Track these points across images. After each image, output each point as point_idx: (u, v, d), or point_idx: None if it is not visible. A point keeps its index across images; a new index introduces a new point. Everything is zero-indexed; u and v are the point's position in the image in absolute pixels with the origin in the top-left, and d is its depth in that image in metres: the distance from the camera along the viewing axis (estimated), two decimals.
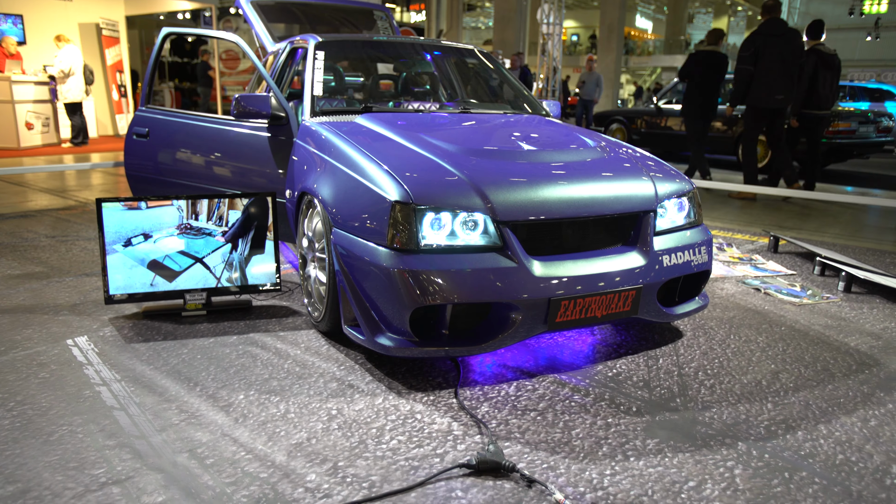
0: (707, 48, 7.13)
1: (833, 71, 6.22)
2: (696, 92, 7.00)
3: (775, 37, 5.99)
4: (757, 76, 6.08)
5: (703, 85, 6.94)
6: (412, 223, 2.12)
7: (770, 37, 6.01)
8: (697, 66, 6.99)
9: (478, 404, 2.09)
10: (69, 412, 1.98)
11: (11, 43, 9.21)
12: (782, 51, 5.96)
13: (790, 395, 2.19)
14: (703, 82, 6.92)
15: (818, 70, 6.12)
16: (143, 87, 3.75)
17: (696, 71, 6.98)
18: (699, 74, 6.95)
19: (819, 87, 6.18)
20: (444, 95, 3.99)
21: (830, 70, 6.16)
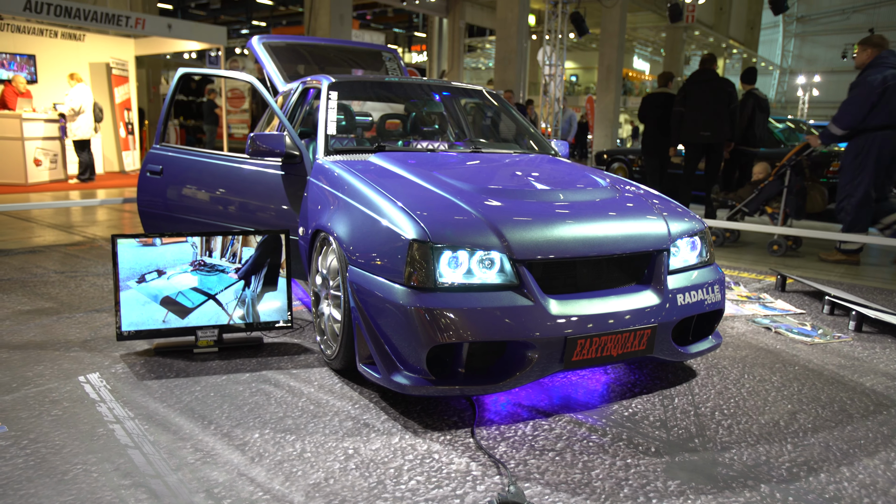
0: (659, 90, 7.80)
1: (766, 113, 6.84)
2: (652, 131, 7.62)
3: (704, 82, 6.63)
4: (686, 116, 6.69)
5: (657, 124, 7.53)
6: (429, 261, 2.13)
7: (700, 83, 6.66)
8: (651, 108, 7.61)
9: (495, 444, 2.07)
10: (83, 450, 1.96)
11: (21, 82, 9.37)
12: (709, 95, 6.55)
13: (809, 437, 2.17)
14: (658, 122, 7.51)
15: (755, 112, 6.69)
16: (158, 125, 3.81)
17: (651, 112, 7.60)
18: (654, 115, 7.57)
19: (755, 127, 6.76)
20: (455, 135, 4.06)
21: (764, 112, 6.76)
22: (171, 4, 27.11)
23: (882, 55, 4.88)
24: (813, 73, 38.05)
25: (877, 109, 4.79)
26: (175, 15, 26.32)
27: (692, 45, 33.73)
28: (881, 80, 4.75)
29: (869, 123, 4.84)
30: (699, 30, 28.41)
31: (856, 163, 5.02)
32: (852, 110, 4.89)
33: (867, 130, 4.88)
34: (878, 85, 4.75)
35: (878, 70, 4.82)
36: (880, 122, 4.80)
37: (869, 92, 4.79)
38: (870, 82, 4.81)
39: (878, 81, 4.76)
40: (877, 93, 4.75)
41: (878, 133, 4.85)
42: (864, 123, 4.86)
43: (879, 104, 4.77)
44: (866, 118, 4.84)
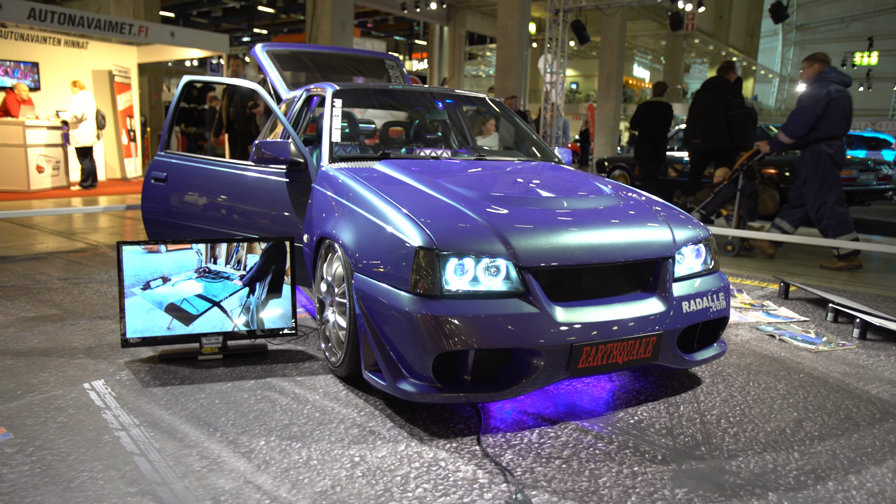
0: (653, 99, 8.11)
1: (752, 122, 7.03)
2: (646, 138, 7.89)
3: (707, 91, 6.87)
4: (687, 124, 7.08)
5: (651, 132, 7.81)
6: (436, 268, 2.13)
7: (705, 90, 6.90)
8: (646, 115, 7.90)
9: (501, 451, 2.07)
10: (89, 458, 1.95)
11: (24, 89, 9.40)
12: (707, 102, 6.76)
13: (816, 444, 2.17)
14: (652, 130, 7.79)
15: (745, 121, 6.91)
16: (163, 133, 3.82)
17: (645, 120, 7.88)
18: (648, 123, 7.84)
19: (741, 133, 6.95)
20: (458, 142, 4.07)
21: (751, 121, 6.96)
22: (173, 12, 27.24)
23: (825, 70, 5.21)
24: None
25: (822, 120, 5.08)
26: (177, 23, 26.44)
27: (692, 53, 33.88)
28: (826, 93, 5.05)
29: (815, 134, 5.14)
30: (699, 38, 28.54)
31: (818, 171, 5.24)
32: (800, 121, 5.17)
33: (816, 140, 5.16)
34: (823, 97, 5.05)
35: (823, 84, 5.13)
36: (826, 133, 5.10)
37: (815, 104, 5.08)
38: (815, 95, 5.11)
39: (824, 95, 5.05)
40: (822, 104, 5.04)
41: (825, 143, 5.16)
42: (811, 134, 5.15)
43: (825, 116, 5.06)
44: (812, 129, 5.13)
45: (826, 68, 5.24)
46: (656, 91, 8.43)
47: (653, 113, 8.03)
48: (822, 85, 5.12)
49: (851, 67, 30.36)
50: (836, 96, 5.06)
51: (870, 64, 30.14)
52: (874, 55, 29.17)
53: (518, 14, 14.46)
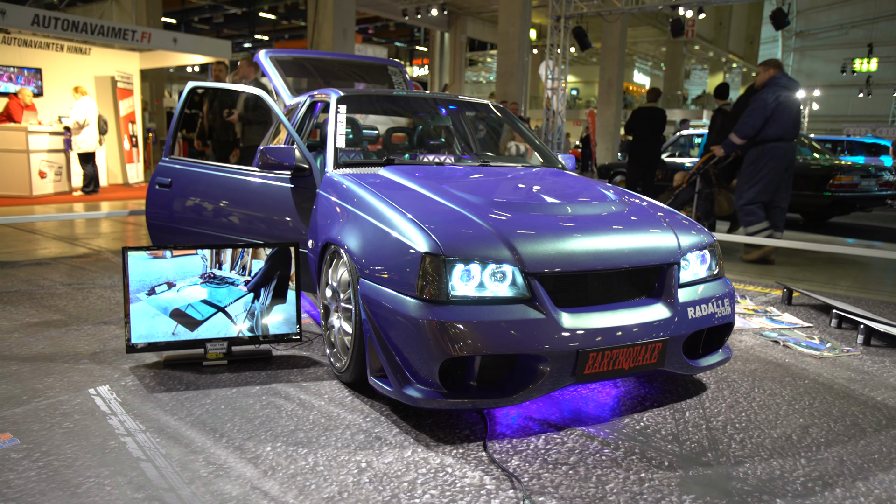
0: (647, 105, 8.21)
1: None
2: (639, 144, 8.03)
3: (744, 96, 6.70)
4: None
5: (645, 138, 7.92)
6: (442, 274, 2.14)
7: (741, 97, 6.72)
8: (640, 121, 8.03)
9: (508, 457, 2.06)
10: (95, 463, 1.95)
11: (27, 94, 9.43)
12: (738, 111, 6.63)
13: (823, 451, 2.16)
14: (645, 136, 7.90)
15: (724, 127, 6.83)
16: (168, 138, 3.83)
17: (640, 125, 7.99)
18: (642, 129, 7.95)
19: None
20: (462, 148, 4.07)
21: None
22: (175, 18, 27.33)
23: (777, 76, 5.51)
24: (812, 88, 38.26)
25: (770, 123, 5.39)
26: (178, 29, 26.54)
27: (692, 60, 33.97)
28: (774, 98, 5.37)
29: (764, 136, 5.44)
30: (699, 44, 28.63)
31: (752, 169, 5.58)
32: (749, 123, 5.47)
33: (764, 142, 5.47)
34: (771, 102, 5.37)
35: (773, 90, 5.42)
36: (773, 135, 5.42)
37: (763, 108, 5.39)
38: (764, 100, 5.40)
39: (772, 100, 5.37)
40: (770, 108, 5.36)
41: (771, 144, 5.45)
42: (760, 135, 5.46)
43: (772, 119, 5.38)
44: (761, 131, 5.43)
45: (778, 74, 5.52)
46: (650, 97, 8.56)
47: (646, 119, 8.16)
48: (772, 90, 5.41)
49: (851, 74, 30.46)
50: (784, 101, 5.37)
51: (869, 70, 30.22)
52: (874, 62, 29.26)
53: (519, 20, 14.52)
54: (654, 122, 8.15)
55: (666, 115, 8.44)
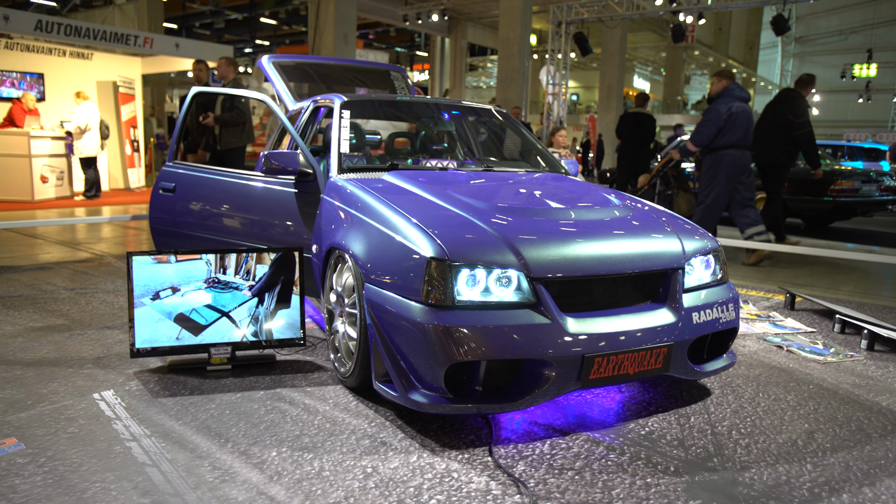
0: (634, 110, 8.21)
1: None
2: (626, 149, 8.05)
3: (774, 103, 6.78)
4: None
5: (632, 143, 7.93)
6: (447, 279, 2.14)
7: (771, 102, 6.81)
8: (627, 125, 8.04)
9: (513, 462, 2.06)
10: (101, 468, 1.95)
11: (31, 99, 9.45)
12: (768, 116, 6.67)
13: (829, 456, 2.16)
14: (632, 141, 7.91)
15: None
16: (171, 143, 3.84)
17: (626, 131, 8.00)
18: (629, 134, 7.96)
19: None
20: (466, 153, 4.08)
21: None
22: (176, 24, 27.41)
23: (730, 87, 5.79)
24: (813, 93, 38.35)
25: (724, 132, 5.67)
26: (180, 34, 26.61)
27: (692, 65, 34.05)
28: (727, 109, 5.66)
29: (718, 143, 5.73)
30: (699, 50, 28.71)
31: (709, 175, 5.85)
32: (703, 132, 5.78)
33: (718, 149, 5.76)
34: (724, 113, 5.66)
35: (726, 100, 5.71)
36: (727, 143, 5.70)
37: (716, 117, 5.69)
38: (718, 111, 5.70)
39: (725, 111, 5.66)
40: (723, 118, 5.65)
41: (725, 151, 5.72)
42: (715, 143, 5.74)
43: (725, 128, 5.66)
44: (715, 139, 5.72)
45: (731, 84, 5.80)
46: (637, 102, 8.54)
47: (633, 124, 8.14)
48: (725, 101, 5.70)
49: (851, 79, 30.52)
50: (736, 111, 5.65)
51: (869, 76, 30.28)
52: (873, 67, 29.32)
53: (519, 26, 14.56)
54: (641, 127, 8.14)
55: (654, 121, 8.42)
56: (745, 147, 5.79)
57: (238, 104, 6.37)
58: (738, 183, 5.82)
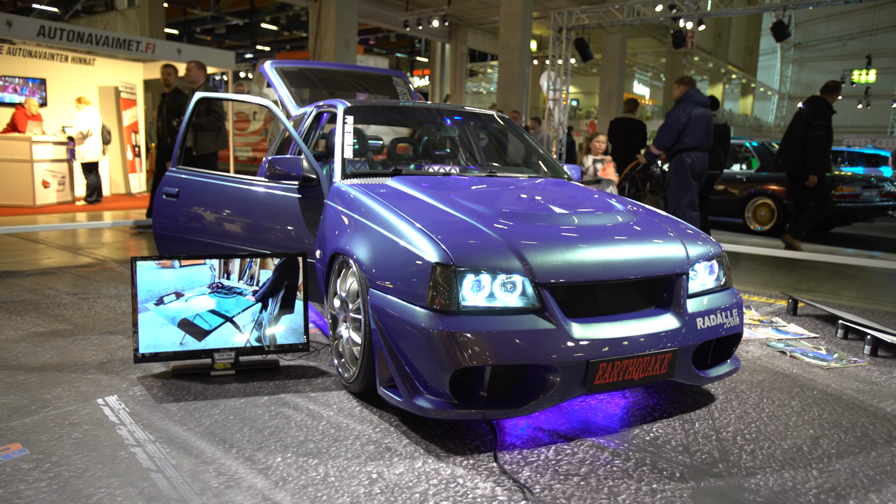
0: (624, 115, 8.29)
1: (720, 138, 7.17)
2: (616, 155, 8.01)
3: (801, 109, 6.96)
4: None
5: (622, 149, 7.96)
6: (452, 284, 2.14)
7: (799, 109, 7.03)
8: (615, 131, 8.11)
9: (518, 468, 2.06)
10: (106, 474, 1.95)
11: (34, 104, 9.47)
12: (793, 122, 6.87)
13: (834, 462, 2.16)
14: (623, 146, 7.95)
15: None
16: (175, 148, 3.84)
17: (616, 137, 8.09)
18: (619, 140, 8.04)
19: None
20: (469, 159, 4.09)
21: (717, 137, 6.97)
22: (177, 29, 27.48)
23: (689, 92, 6.17)
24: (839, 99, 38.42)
25: (684, 136, 6.05)
26: (181, 39, 26.66)
27: (692, 71, 34.10)
28: (686, 114, 6.04)
29: (680, 146, 6.09)
30: (699, 55, 28.77)
31: (678, 178, 6.17)
32: (665, 136, 6.16)
33: (681, 151, 6.10)
34: (683, 118, 6.04)
35: (685, 106, 6.09)
36: (688, 145, 6.07)
37: (676, 122, 6.07)
38: (677, 116, 6.08)
39: (684, 116, 6.04)
40: (682, 123, 6.03)
41: (687, 153, 6.08)
42: (677, 146, 6.11)
43: (685, 132, 6.04)
44: (677, 142, 6.09)
45: (691, 90, 6.17)
46: (627, 107, 8.55)
47: (622, 129, 8.17)
48: (685, 106, 6.08)
49: (850, 85, 30.56)
50: (695, 115, 6.01)
51: (868, 82, 30.33)
52: (872, 73, 29.37)
53: (520, 32, 14.59)
54: (630, 133, 8.17)
55: (645, 127, 8.44)
56: (705, 149, 6.14)
57: (215, 108, 6.29)
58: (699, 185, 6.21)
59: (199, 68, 6.42)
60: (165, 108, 6.67)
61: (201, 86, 6.39)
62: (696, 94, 6.17)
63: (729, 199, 9.17)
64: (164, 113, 6.66)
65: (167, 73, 6.73)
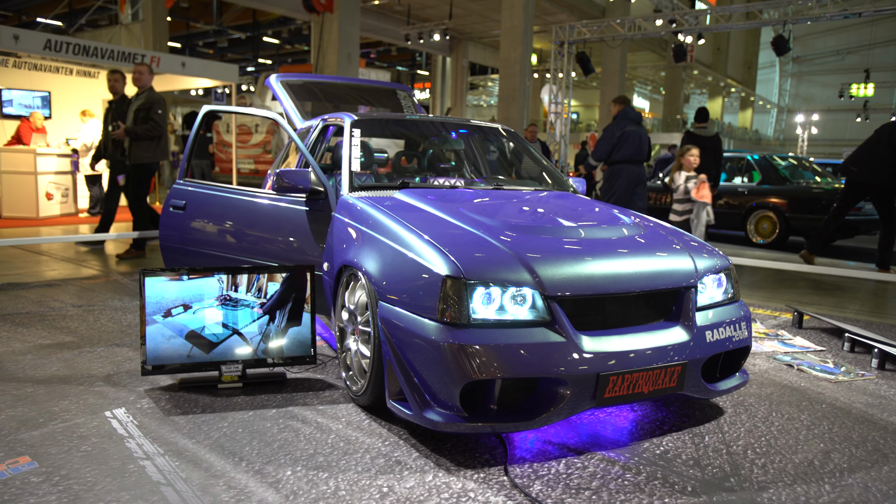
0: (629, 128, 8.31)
1: (706, 150, 7.24)
2: None
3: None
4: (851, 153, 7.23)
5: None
6: (463, 297, 2.14)
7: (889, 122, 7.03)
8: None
9: (530, 482, 2.05)
10: (115, 487, 1.94)
11: (39, 118, 9.52)
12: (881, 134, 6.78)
13: (846, 477, 2.15)
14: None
15: None
16: (182, 161, 3.86)
17: None
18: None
19: None
20: (475, 172, 4.10)
21: (708, 150, 7.25)
22: (179, 43, 27.67)
23: (624, 110, 6.81)
24: (811, 112, 38.58)
25: (617, 149, 6.62)
26: (183, 53, 26.85)
27: (691, 84, 34.30)
28: (619, 130, 6.63)
29: (615, 159, 6.66)
30: (698, 69, 28.94)
31: (606, 185, 6.75)
32: (600, 148, 6.78)
33: (615, 163, 6.68)
34: (616, 133, 6.64)
35: (619, 123, 6.68)
36: (621, 158, 6.63)
37: (610, 136, 6.67)
38: (612, 132, 6.68)
39: (618, 131, 6.63)
40: (616, 137, 6.62)
41: (621, 165, 6.64)
42: (612, 158, 6.68)
43: (619, 145, 6.60)
44: (611, 154, 6.66)
45: (626, 108, 6.83)
46: None
47: None
48: (619, 123, 6.68)
49: (849, 98, 30.73)
50: (627, 131, 6.60)
51: (866, 95, 30.51)
52: (870, 87, 29.55)
53: (520, 45, 14.70)
54: None
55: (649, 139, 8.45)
56: (639, 162, 6.70)
57: (154, 116, 5.90)
58: (633, 193, 6.61)
59: (150, 72, 6.16)
60: (111, 115, 6.18)
61: (148, 90, 6.06)
62: (630, 112, 6.80)
63: (730, 212, 9.19)
64: (108, 121, 6.17)
65: (115, 79, 6.26)
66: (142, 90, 6.06)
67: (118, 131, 5.84)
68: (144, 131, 5.85)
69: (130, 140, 5.89)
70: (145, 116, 5.87)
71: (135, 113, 5.91)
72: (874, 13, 11.15)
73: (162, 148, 6.14)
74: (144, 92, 6.04)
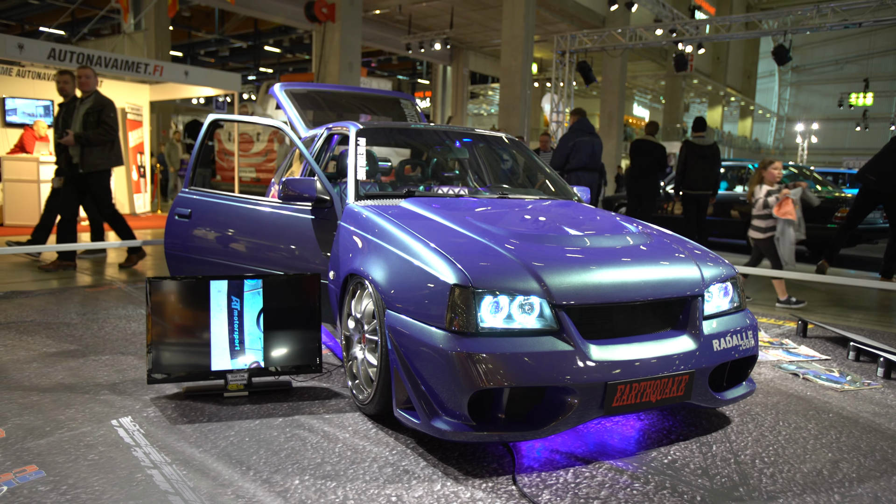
0: (643, 137, 8.42)
1: (704, 159, 7.40)
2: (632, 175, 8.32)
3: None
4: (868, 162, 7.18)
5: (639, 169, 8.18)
6: (471, 306, 2.14)
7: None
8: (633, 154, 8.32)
9: (538, 491, 2.04)
10: (123, 496, 1.93)
11: (42, 126, 9.55)
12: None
13: (856, 487, 2.14)
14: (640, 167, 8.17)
15: (688, 158, 7.46)
16: (188, 169, 3.87)
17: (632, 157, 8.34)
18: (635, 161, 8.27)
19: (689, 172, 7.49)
20: (479, 181, 4.11)
21: (706, 158, 7.42)
22: (181, 52, 27.80)
23: (580, 121, 7.40)
24: (811, 121, 38.71)
25: (572, 157, 7.20)
26: (185, 62, 26.97)
27: (691, 93, 34.41)
28: (572, 140, 7.21)
29: (571, 166, 7.21)
30: (698, 78, 29.04)
31: None
32: (555, 157, 7.35)
33: (572, 170, 7.21)
34: (569, 143, 7.22)
35: (573, 134, 7.28)
36: (575, 166, 7.21)
37: (564, 146, 7.26)
38: (565, 141, 7.28)
39: (571, 141, 7.21)
40: (568, 147, 7.20)
41: (576, 172, 7.20)
42: (568, 166, 7.21)
43: (572, 155, 7.19)
44: (568, 162, 7.21)
45: (580, 119, 7.40)
46: (647, 130, 8.59)
47: (640, 152, 8.21)
48: (571, 135, 7.26)
49: (848, 108, 30.81)
50: (579, 141, 7.17)
51: (865, 104, 30.59)
52: (869, 96, 29.64)
53: (521, 55, 14.76)
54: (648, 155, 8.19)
55: (665, 150, 8.43)
56: (593, 169, 7.26)
57: (106, 119, 5.62)
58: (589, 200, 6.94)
59: (95, 75, 5.89)
60: (62, 119, 5.75)
61: (94, 93, 5.77)
62: (584, 124, 7.36)
63: (731, 221, 9.19)
64: (60, 125, 5.75)
65: (64, 80, 5.75)
66: (88, 94, 5.73)
67: (67, 138, 5.49)
68: (97, 136, 5.53)
69: (81, 147, 5.56)
70: (96, 120, 5.56)
71: (84, 117, 5.58)
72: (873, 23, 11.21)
73: (115, 153, 5.79)
74: (91, 95, 5.72)
